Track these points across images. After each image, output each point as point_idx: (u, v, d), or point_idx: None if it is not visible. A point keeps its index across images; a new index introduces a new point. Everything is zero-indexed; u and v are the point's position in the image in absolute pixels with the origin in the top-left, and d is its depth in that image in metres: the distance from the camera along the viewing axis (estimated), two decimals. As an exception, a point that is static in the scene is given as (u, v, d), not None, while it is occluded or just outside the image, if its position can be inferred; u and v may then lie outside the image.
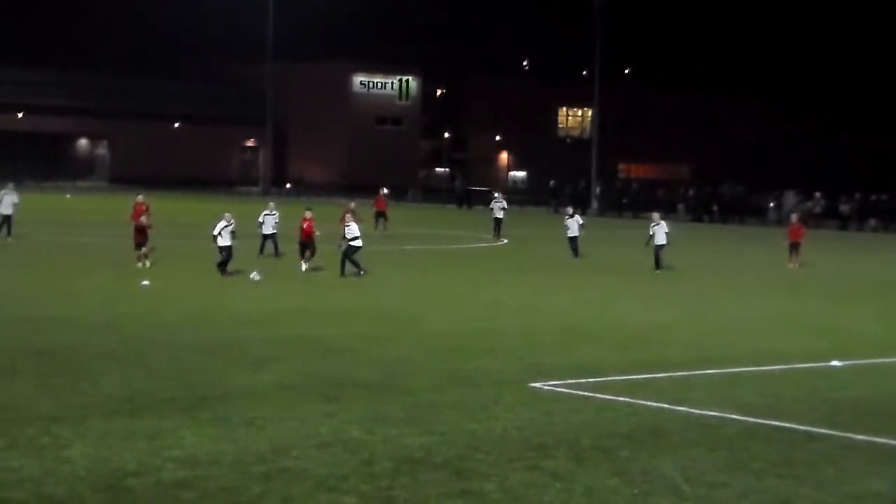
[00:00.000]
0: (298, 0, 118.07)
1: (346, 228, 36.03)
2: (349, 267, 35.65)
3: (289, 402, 17.46)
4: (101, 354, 20.99)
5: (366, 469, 13.92)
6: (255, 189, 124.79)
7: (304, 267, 37.24)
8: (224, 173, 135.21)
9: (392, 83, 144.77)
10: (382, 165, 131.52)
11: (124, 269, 35.16)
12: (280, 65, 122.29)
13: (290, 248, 39.76)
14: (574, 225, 47.10)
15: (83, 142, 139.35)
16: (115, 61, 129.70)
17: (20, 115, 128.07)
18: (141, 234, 36.32)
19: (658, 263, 41.36)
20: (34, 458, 13.78)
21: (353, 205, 43.18)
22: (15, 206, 46.33)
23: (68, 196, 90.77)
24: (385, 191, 63.79)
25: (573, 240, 46.89)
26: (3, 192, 47.04)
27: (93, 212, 70.57)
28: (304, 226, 37.35)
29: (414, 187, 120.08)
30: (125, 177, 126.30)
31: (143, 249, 36.26)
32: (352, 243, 35.67)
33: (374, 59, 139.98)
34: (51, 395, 17.28)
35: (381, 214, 57.97)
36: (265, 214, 41.74)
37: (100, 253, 41.39)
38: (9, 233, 45.74)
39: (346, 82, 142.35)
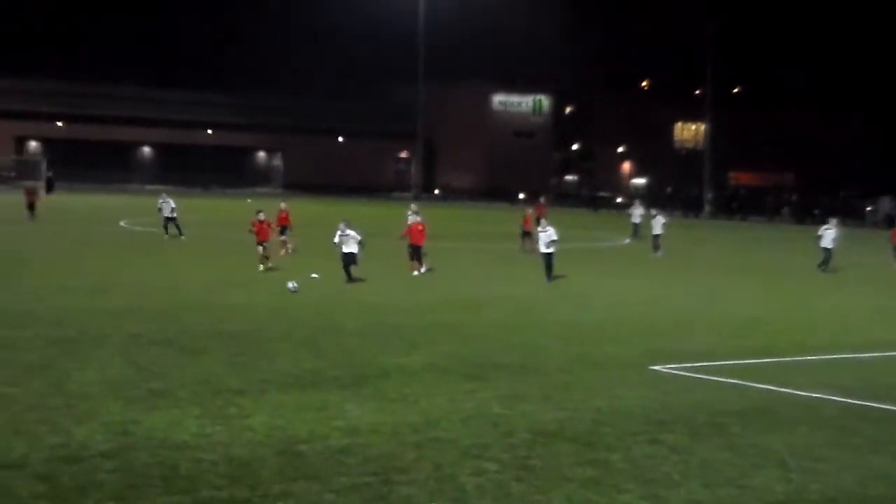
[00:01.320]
0: (446, 29, 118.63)
1: (543, 233, 33.71)
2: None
3: (437, 381, 17.51)
4: (277, 337, 21.28)
5: (506, 440, 13.89)
6: (407, 195, 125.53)
7: (420, 271, 34.57)
8: (381, 181, 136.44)
9: (527, 101, 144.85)
10: (518, 174, 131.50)
11: (295, 263, 35.61)
12: (430, 85, 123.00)
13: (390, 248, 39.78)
14: (658, 224, 46.53)
15: (261, 154, 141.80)
16: (288, 84, 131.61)
17: (209, 131, 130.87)
18: (263, 236, 34.01)
19: (825, 263, 40.52)
20: (223, 425, 14.02)
21: (541, 201, 42.81)
22: (173, 209, 46.57)
23: (248, 200, 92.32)
24: (542, 199, 62.17)
25: (656, 237, 46.28)
26: (160, 200, 47.38)
27: (268, 214, 71.50)
28: (415, 229, 35.15)
29: (546, 193, 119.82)
30: (297, 184, 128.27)
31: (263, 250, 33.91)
32: (546, 250, 33.41)
33: (511, 81, 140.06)
34: (236, 371, 17.57)
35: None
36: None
37: (274, 249, 41.93)
38: (180, 232, 46.13)
39: (487, 101, 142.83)
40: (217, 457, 12.66)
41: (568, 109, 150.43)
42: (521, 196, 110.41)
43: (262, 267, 33.51)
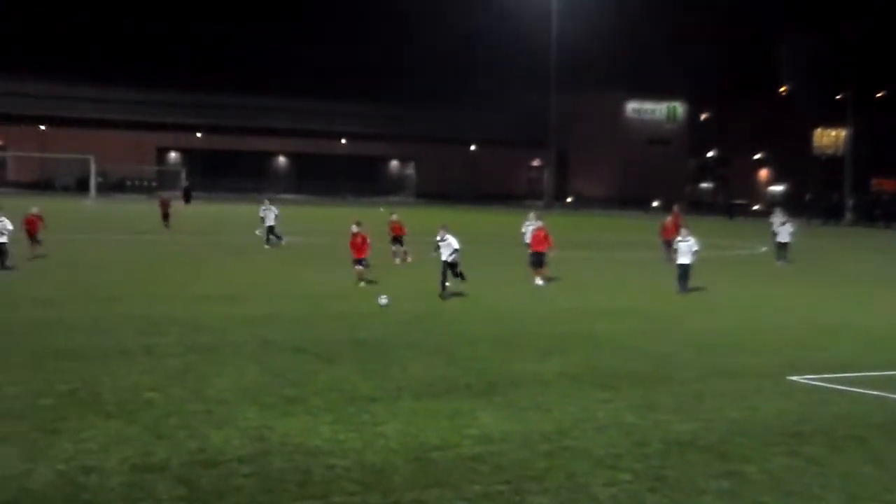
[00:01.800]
0: (579, 37, 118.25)
1: (684, 243, 32.62)
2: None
3: (570, 389, 17.43)
4: (409, 345, 21.42)
5: (639, 450, 13.77)
6: (539, 203, 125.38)
7: (540, 281, 33.73)
8: (513, 189, 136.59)
9: (661, 108, 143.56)
10: (652, 182, 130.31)
11: (422, 272, 35.78)
12: (563, 93, 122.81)
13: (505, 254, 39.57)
14: (785, 232, 45.27)
15: (394, 163, 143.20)
16: (421, 94, 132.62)
17: (343, 141, 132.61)
18: (360, 252, 31.77)
19: None
20: (356, 432, 14.18)
21: (675, 209, 42.24)
22: (277, 216, 46.77)
23: (381, 209, 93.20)
24: (676, 207, 60.82)
25: (784, 245, 45.01)
26: (263, 207, 47.51)
27: (366, 226, 72.04)
28: (538, 236, 34.50)
29: (681, 201, 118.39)
30: (429, 193, 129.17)
31: (360, 267, 31.85)
32: (685, 260, 32.44)
33: (645, 88, 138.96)
34: (369, 378, 17.74)
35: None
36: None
37: (412, 257, 42.16)
38: (279, 238, 46.37)
39: (621, 108, 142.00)
40: (350, 463, 12.80)
41: (703, 116, 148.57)
42: (655, 204, 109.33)
43: (362, 283, 31.25)
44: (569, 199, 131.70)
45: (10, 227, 34.14)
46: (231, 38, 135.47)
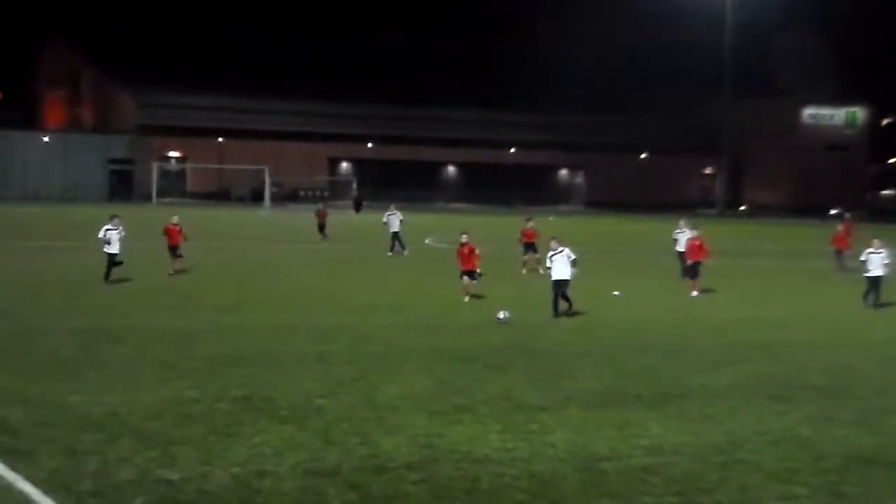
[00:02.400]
0: (754, 42, 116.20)
1: (876, 255, 30.68)
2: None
3: (743, 401, 17.10)
4: (578, 354, 21.33)
5: (816, 464, 13.42)
6: (711, 211, 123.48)
7: (694, 293, 32.53)
8: (685, 198, 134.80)
9: (839, 114, 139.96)
10: (830, 189, 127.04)
11: (598, 279, 35.57)
12: (737, 99, 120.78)
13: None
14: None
15: (563, 172, 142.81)
16: (591, 101, 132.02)
17: (512, 150, 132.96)
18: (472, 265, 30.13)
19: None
20: (524, 441, 14.18)
21: (847, 217, 40.25)
22: (402, 221, 46.53)
23: (550, 218, 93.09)
24: (848, 216, 58.69)
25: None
26: (388, 213, 47.36)
27: (569, 231, 71.92)
28: (696, 244, 33.24)
29: (861, 209, 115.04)
30: (598, 202, 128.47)
31: (466, 279, 30.11)
32: (878, 272, 30.65)
33: (822, 93, 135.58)
34: (538, 387, 17.72)
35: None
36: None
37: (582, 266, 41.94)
38: (402, 247, 46.07)
39: (797, 114, 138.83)
40: (518, 472, 12.81)
41: (885, 121, 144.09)
42: (833, 212, 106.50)
43: (467, 298, 29.69)
44: (742, 208, 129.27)
45: (121, 234, 32.18)
46: (401, 49, 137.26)
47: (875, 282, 31.05)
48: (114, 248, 31.54)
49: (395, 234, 46.41)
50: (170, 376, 17.61)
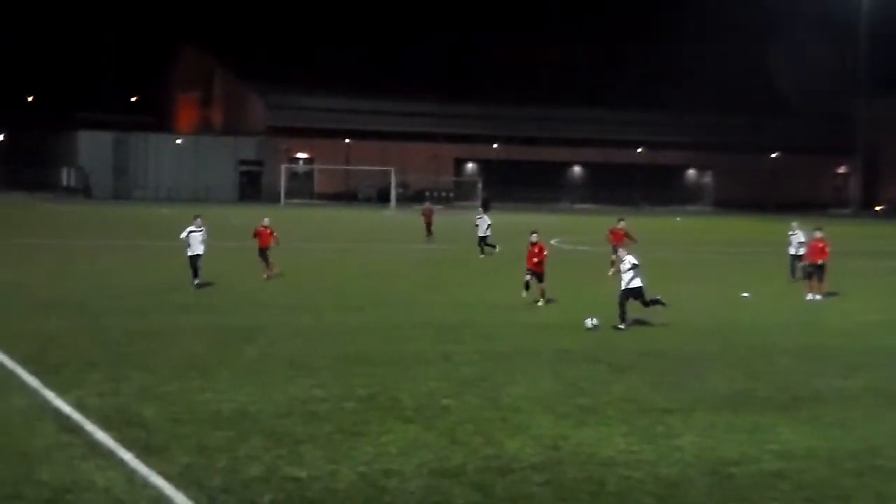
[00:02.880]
0: (888, 37, 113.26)
1: None
2: None
3: (879, 406, 16.68)
4: (705, 356, 21.06)
5: (954, 472, 13.01)
6: (845, 211, 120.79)
7: (815, 295, 31.31)
8: (817, 198, 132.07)
9: None
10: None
11: (726, 280, 35.07)
12: (872, 96, 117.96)
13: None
14: None
15: (691, 172, 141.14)
16: (720, 101, 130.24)
17: (639, 150, 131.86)
18: (540, 267, 28.44)
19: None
20: (650, 444, 14.04)
21: None
22: (489, 226, 45.81)
23: (678, 219, 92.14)
24: None
25: None
26: (477, 216, 46.95)
27: (696, 231, 71.15)
28: (820, 246, 32.00)
29: None
30: (727, 202, 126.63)
31: (532, 281, 28.44)
32: None
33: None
34: (664, 390, 17.53)
35: None
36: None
37: (709, 268, 41.53)
38: (493, 247, 45.16)
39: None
40: (644, 475, 12.69)
41: None
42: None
43: (540, 302, 28.16)
44: (878, 207, 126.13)
45: (205, 235, 30.74)
46: (524, 50, 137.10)
47: None
48: (196, 250, 30.11)
49: (483, 238, 45.84)
50: (297, 375, 17.85)
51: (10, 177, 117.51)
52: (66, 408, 15.08)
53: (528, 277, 28.48)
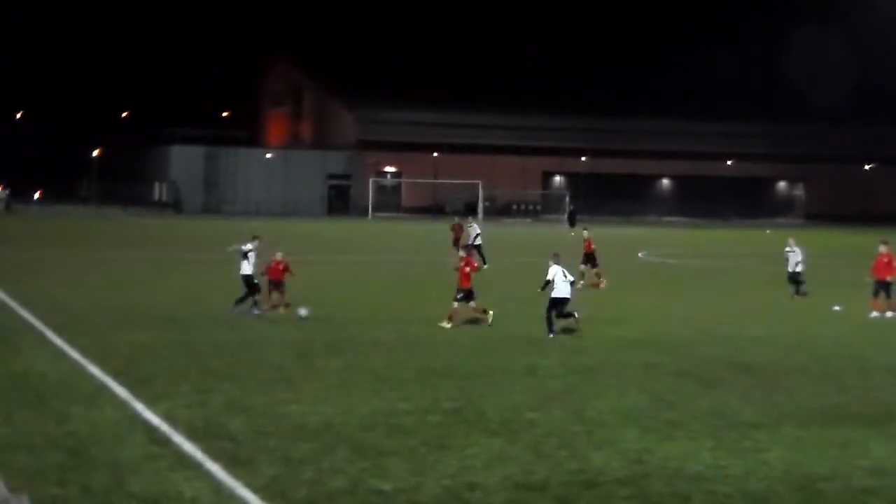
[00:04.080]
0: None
1: None
2: None
3: (974, 422, 16.30)
4: (795, 370, 20.76)
5: None
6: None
7: (883, 312, 29.64)
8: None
9: None
10: None
11: (817, 294, 34.52)
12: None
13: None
14: None
15: (782, 184, 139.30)
16: (813, 111, 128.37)
17: (728, 162, 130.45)
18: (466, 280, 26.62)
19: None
20: (737, 458, 13.88)
21: None
22: (478, 235, 44.66)
23: (767, 231, 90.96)
24: None
25: None
26: (467, 225, 46.01)
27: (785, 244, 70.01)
28: (885, 262, 30.19)
29: None
30: (819, 214, 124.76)
31: (467, 303, 26.52)
32: None
33: None
34: (752, 404, 17.32)
35: None
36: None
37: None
38: (483, 261, 42.91)
39: None
40: (732, 490, 12.54)
41: None
42: None
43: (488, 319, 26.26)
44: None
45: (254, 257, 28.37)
46: (613, 61, 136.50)
47: None
48: (247, 270, 28.01)
49: (474, 247, 43.24)
50: (382, 388, 17.93)
51: (105, 192, 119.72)
52: (154, 419, 15.31)
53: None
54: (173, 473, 12.71)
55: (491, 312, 26.21)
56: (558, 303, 24.47)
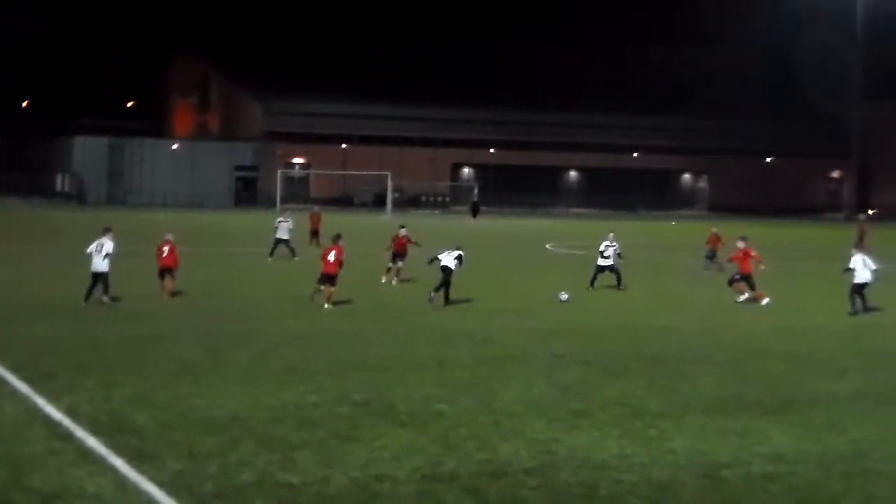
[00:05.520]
0: (883, 41, 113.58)
1: None
2: None
3: (870, 409, 16.71)
4: (698, 360, 21.07)
5: (945, 475, 13.04)
6: (839, 215, 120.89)
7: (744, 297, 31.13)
8: (810, 202, 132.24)
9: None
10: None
11: (719, 285, 35.08)
12: (866, 101, 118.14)
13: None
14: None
15: (686, 176, 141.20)
16: (715, 105, 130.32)
17: (635, 154, 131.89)
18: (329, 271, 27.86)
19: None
20: (643, 447, 14.06)
21: None
22: (290, 230, 43.76)
23: (672, 223, 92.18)
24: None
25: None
26: (278, 219, 45.03)
27: (691, 236, 71.05)
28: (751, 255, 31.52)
29: None
30: (722, 206, 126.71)
31: (326, 288, 27.88)
32: None
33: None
34: (657, 393, 17.56)
35: None
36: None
37: (701, 272, 41.53)
38: (293, 254, 42.61)
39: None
40: (637, 478, 12.71)
41: None
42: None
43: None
44: (871, 212, 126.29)
45: (111, 249, 27.39)
46: (520, 55, 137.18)
47: None
48: (101, 267, 26.91)
49: (283, 241, 43.15)
50: (291, 380, 17.85)
51: (6, 182, 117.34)
52: (57, 414, 15.07)
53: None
54: (76, 469, 12.53)
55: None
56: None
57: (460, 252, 29.04)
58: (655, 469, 13.09)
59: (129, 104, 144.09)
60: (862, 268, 28.51)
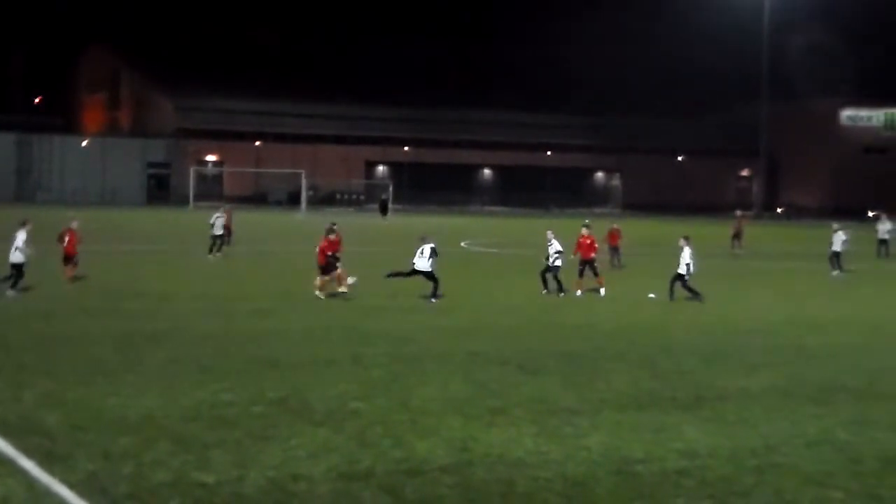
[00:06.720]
0: (791, 43, 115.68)
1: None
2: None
3: (779, 404, 17.01)
4: (613, 357, 21.28)
5: (853, 468, 13.33)
6: (749, 213, 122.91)
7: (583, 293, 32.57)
8: (721, 199, 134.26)
9: (878, 116, 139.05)
10: (869, 191, 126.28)
11: (633, 281, 35.50)
12: (774, 101, 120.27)
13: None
14: (838, 240, 43.27)
15: (600, 174, 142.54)
16: (627, 104, 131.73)
17: (549, 153, 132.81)
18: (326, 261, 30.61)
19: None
20: (558, 444, 14.16)
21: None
22: (221, 227, 43.02)
23: (586, 221, 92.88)
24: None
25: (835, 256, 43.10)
26: (215, 215, 44.24)
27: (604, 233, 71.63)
28: (587, 242, 33.41)
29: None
30: (635, 204, 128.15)
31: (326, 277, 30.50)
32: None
33: (861, 95, 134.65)
34: (572, 390, 17.68)
35: None
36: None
37: (615, 269, 41.99)
38: (219, 250, 42.82)
39: (835, 116, 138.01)
40: (553, 475, 12.80)
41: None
42: (871, 214, 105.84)
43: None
44: (779, 210, 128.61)
45: (20, 242, 28.62)
46: (435, 52, 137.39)
47: None
48: (14, 258, 27.84)
49: (219, 237, 43.20)
50: (206, 379, 17.69)
51: None
52: (-35, 416, 14.77)
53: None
54: (-15, 471, 12.29)
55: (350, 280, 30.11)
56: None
57: (431, 245, 29.99)
58: (570, 465, 13.20)
59: (37, 100, 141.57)
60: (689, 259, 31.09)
